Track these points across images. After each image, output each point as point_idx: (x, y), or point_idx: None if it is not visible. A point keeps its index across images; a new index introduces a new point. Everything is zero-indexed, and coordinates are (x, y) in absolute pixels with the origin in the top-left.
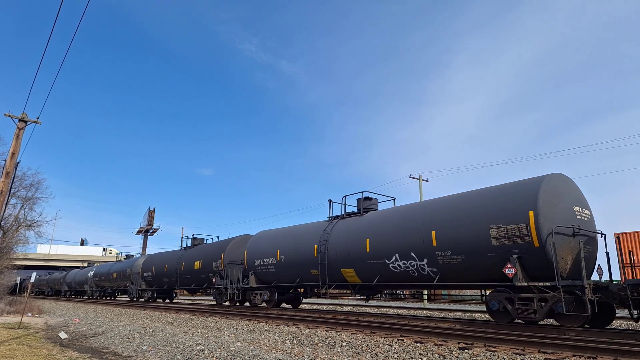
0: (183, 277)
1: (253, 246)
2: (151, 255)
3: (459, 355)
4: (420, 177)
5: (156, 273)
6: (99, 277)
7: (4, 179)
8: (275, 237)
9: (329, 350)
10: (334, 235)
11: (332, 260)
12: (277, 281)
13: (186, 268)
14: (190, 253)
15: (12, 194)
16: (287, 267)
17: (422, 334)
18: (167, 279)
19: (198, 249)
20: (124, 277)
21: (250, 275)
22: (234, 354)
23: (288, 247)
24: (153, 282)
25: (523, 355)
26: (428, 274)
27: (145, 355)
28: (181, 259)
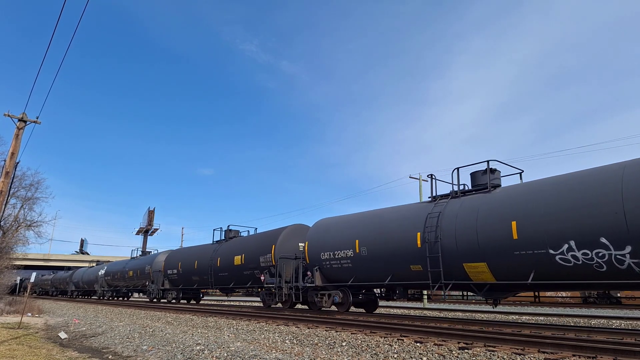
0: (219, 274)
1: (317, 236)
2: (176, 251)
3: (459, 355)
4: (420, 177)
5: (183, 270)
6: (112, 275)
7: (4, 178)
8: (350, 224)
9: (329, 350)
10: (449, 219)
11: (448, 252)
12: (355, 279)
13: (223, 264)
14: (227, 247)
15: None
16: (372, 262)
17: (422, 334)
18: (197, 277)
19: (238, 242)
20: (142, 275)
21: (315, 271)
22: (234, 354)
23: (372, 236)
24: (179, 281)
25: (523, 355)
26: (629, 268)
27: (145, 355)
28: (215, 254)
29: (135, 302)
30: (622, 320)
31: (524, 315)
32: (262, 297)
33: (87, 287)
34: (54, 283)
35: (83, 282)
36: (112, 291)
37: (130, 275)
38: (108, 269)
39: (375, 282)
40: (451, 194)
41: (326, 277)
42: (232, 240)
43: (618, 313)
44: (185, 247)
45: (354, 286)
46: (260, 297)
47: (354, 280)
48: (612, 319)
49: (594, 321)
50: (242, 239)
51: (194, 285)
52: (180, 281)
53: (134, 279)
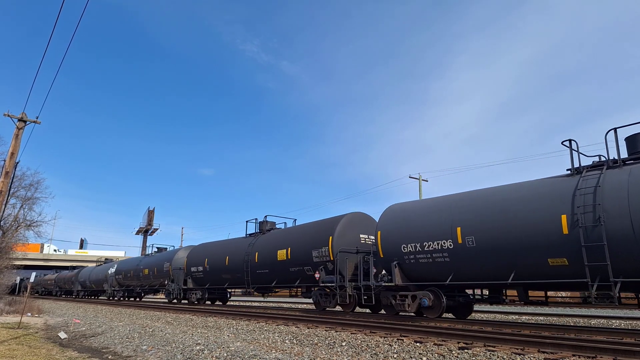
0: (257, 272)
1: (394, 225)
2: (200, 246)
3: (459, 355)
4: (420, 177)
5: (211, 268)
6: (124, 274)
7: (4, 178)
8: (446, 208)
9: (329, 350)
10: (614, 195)
11: (617, 240)
12: (454, 277)
13: (263, 260)
14: (267, 240)
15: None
16: (482, 255)
17: (422, 334)
18: (229, 275)
19: (280, 234)
20: (159, 273)
21: (394, 267)
22: (234, 354)
23: (484, 221)
24: (204, 280)
25: (523, 355)
26: None
27: (145, 355)
28: (252, 249)
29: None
30: (622, 320)
31: (524, 315)
32: (316, 298)
33: (94, 286)
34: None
35: (90, 281)
36: (123, 291)
37: (145, 274)
38: (119, 267)
39: (485, 280)
40: (606, 163)
41: (408, 275)
42: (273, 233)
43: (618, 313)
44: (212, 242)
45: (448, 286)
46: (312, 299)
47: (452, 278)
48: (612, 319)
49: (594, 321)
50: (286, 230)
51: (225, 285)
52: (207, 280)
53: (150, 277)
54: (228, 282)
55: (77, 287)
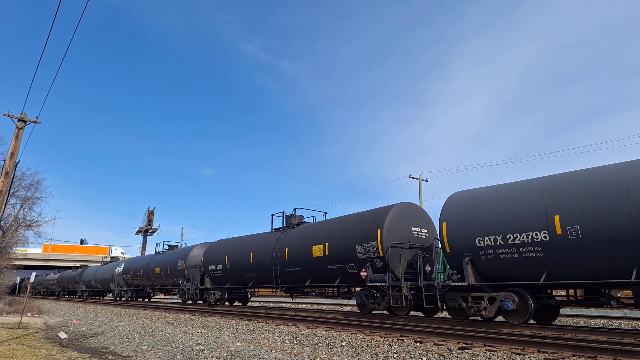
0: (287, 270)
1: (463, 214)
2: (219, 243)
3: (459, 355)
4: (419, 177)
5: (232, 266)
6: (133, 273)
7: (4, 178)
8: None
9: (329, 350)
10: None
11: None
12: (548, 276)
13: (294, 256)
14: (299, 234)
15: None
16: (590, 248)
17: (422, 334)
18: (253, 273)
19: (315, 228)
20: (172, 272)
21: (466, 265)
22: (234, 354)
23: (593, 206)
24: (225, 279)
25: (523, 355)
26: None
27: (145, 355)
28: (281, 244)
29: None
30: (622, 320)
31: None
32: (360, 299)
33: (100, 286)
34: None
35: (96, 281)
36: (132, 291)
37: (156, 273)
38: (127, 266)
39: (593, 279)
40: None
41: (482, 273)
42: (305, 227)
43: (618, 313)
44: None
45: (534, 286)
46: (356, 300)
47: (547, 276)
48: (612, 319)
49: (594, 321)
50: (321, 224)
51: (249, 284)
52: (227, 279)
53: (162, 276)
54: (252, 281)
55: (81, 287)
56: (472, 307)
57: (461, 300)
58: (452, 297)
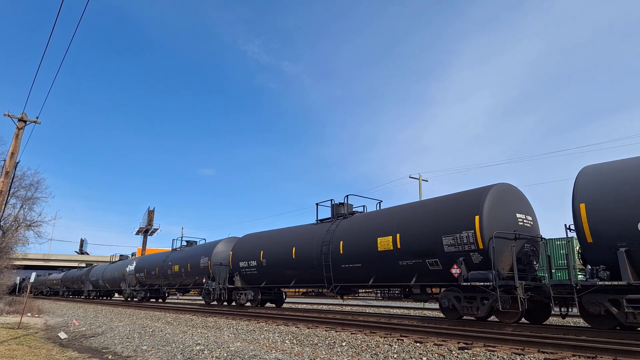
0: (343, 266)
1: (614, 193)
2: (250, 236)
3: (459, 355)
4: (420, 177)
5: (269, 262)
6: (147, 272)
7: (4, 178)
8: None
9: (329, 350)
10: None
11: None
12: None
13: (352, 250)
14: (356, 224)
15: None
16: None
17: (422, 334)
18: (296, 270)
19: (378, 217)
20: (194, 270)
21: (622, 257)
22: (234, 354)
23: None
24: (260, 277)
25: (523, 355)
26: None
27: (145, 355)
28: (334, 236)
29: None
30: None
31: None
32: (448, 302)
33: (109, 286)
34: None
35: (104, 280)
36: (146, 291)
37: (175, 271)
38: (140, 264)
39: None
40: None
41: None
42: (363, 216)
43: None
44: (268, 231)
45: None
46: (442, 303)
47: None
48: None
49: None
50: (388, 211)
51: (291, 282)
52: (263, 277)
53: (181, 275)
54: (294, 279)
55: (87, 287)
56: (632, 314)
57: (609, 305)
58: (595, 301)
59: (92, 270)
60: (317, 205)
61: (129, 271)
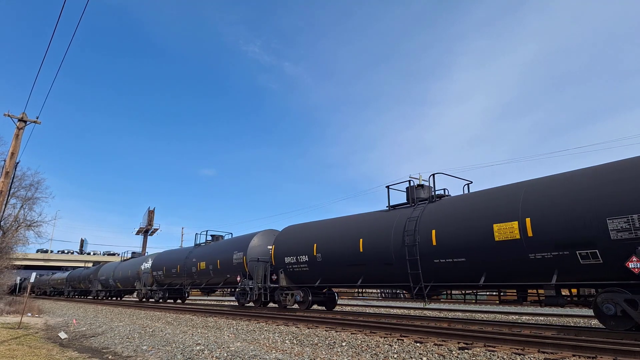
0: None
1: None
2: (297, 227)
3: (459, 355)
4: (420, 177)
5: (326, 257)
6: (165, 270)
7: (4, 178)
8: None
9: (329, 350)
10: None
11: None
12: None
13: (452, 241)
14: (457, 208)
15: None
16: None
17: (422, 334)
18: (364, 266)
19: (488, 197)
20: (225, 267)
21: None
22: (234, 354)
23: None
24: (313, 274)
25: (523, 355)
26: None
27: (145, 355)
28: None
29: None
30: None
31: (524, 315)
32: (616, 307)
33: (121, 285)
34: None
35: (115, 279)
36: (164, 291)
37: (201, 269)
38: (158, 261)
39: None
40: None
41: None
42: (460, 198)
43: None
44: (319, 221)
45: None
46: (606, 309)
47: None
48: None
49: (594, 321)
50: (507, 189)
51: (357, 281)
52: (317, 274)
53: (208, 273)
54: (361, 277)
55: (96, 287)
56: None
57: None
58: None
59: (101, 268)
60: (388, 189)
61: (144, 269)
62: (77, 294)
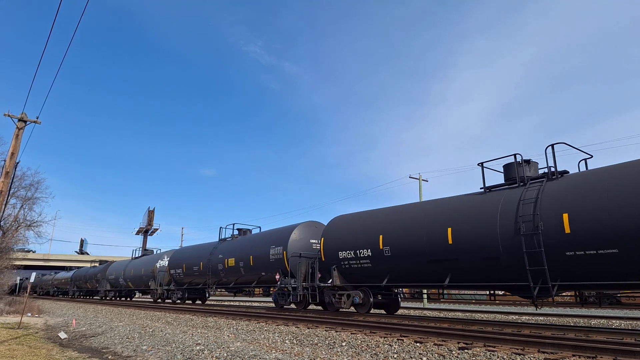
0: (567, 254)
1: None
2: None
3: (459, 355)
4: (420, 177)
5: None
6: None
7: (4, 178)
8: None
9: (329, 350)
10: None
11: None
12: None
13: (591, 227)
14: (589, 187)
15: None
16: None
17: (422, 334)
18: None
19: None
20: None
21: None
22: (234, 354)
23: None
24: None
25: (523, 355)
26: None
27: (145, 355)
28: (539, 208)
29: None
30: (622, 320)
31: (524, 315)
32: None
33: (133, 285)
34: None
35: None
36: (184, 291)
37: (229, 266)
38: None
39: None
40: None
41: None
42: (600, 172)
43: (618, 313)
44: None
45: None
46: None
47: None
48: (612, 319)
49: (593, 321)
50: None
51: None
52: (383, 272)
53: (238, 271)
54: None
55: (104, 287)
56: None
57: None
58: None
59: (110, 267)
60: (482, 166)
61: (160, 267)
62: (82, 294)
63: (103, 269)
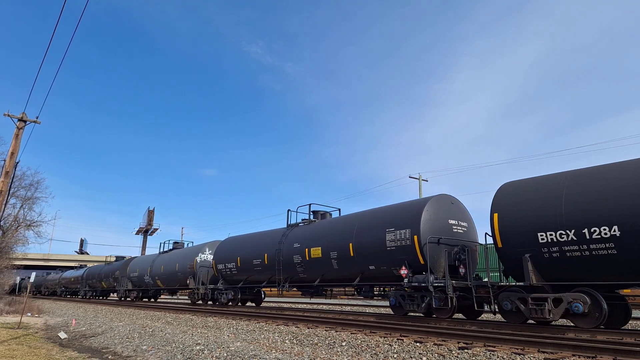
0: None
1: None
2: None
3: (459, 355)
4: (419, 177)
5: None
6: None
7: (4, 178)
8: None
9: (329, 350)
10: None
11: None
12: None
13: None
14: None
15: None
16: None
17: (422, 334)
18: None
19: None
20: (366, 254)
21: None
22: (234, 354)
23: None
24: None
25: (523, 355)
26: None
27: (144, 355)
28: None
29: (135, 302)
30: None
31: None
32: None
33: (162, 284)
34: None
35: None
36: (236, 291)
37: (312, 257)
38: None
39: None
40: None
41: None
42: None
43: None
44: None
45: None
46: None
47: None
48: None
49: None
50: None
51: None
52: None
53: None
54: None
55: (124, 286)
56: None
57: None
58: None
59: (132, 263)
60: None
61: (201, 261)
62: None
63: (122, 265)
